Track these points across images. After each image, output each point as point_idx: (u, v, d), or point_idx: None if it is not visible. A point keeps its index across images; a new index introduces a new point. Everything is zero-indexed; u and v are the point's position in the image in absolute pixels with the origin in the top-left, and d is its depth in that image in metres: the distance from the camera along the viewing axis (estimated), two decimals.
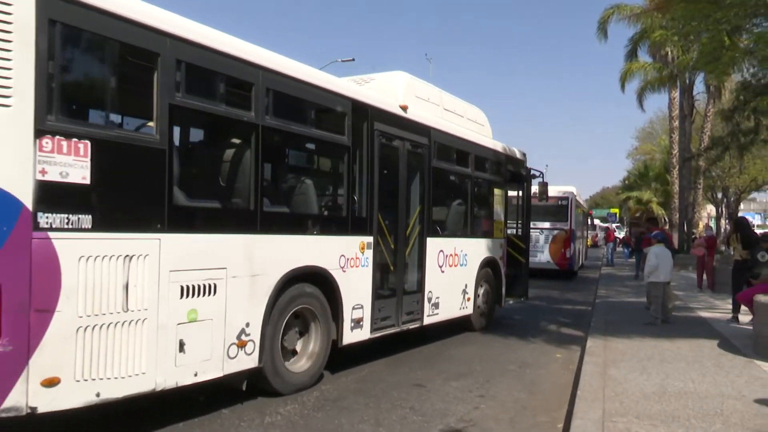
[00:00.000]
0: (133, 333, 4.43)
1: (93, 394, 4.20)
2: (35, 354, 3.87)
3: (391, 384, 6.54)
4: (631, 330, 9.31)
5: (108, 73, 4.51)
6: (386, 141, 7.32)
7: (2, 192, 3.72)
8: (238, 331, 5.29)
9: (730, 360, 7.28)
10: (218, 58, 5.09)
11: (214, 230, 5.07)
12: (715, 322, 10.33)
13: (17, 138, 3.80)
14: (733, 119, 16.44)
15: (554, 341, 9.38)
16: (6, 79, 3.74)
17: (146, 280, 4.49)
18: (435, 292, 8.34)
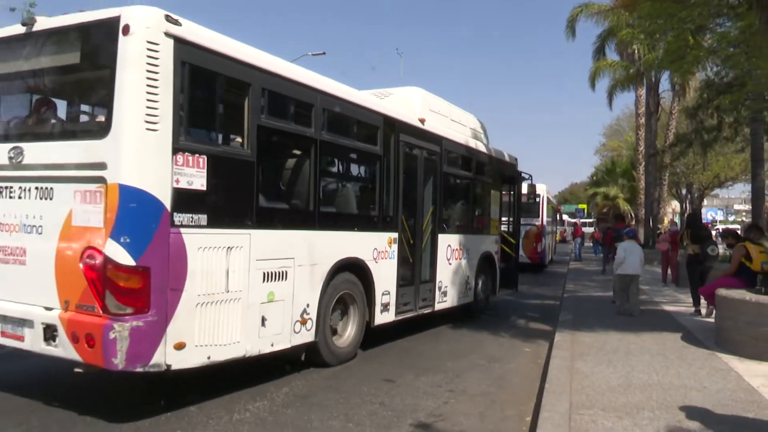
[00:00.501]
0: (232, 309, 5.49)
1: (206, 357, 5.27)
2: (170, 323, 4.93)
3: (361, 380, 6.57)
4: (597, 324, 9.50)
5: (217, 101, 5.57)
6: (408, 150, 8.54)
7: (152, 197, 4.81)
8: (301, 310, 6.41)
9: (693, 352, 7.49)
10: (289, 84, 6.26)
11: (286, 227, 6.21)
12: (678, 316, 10.59)
13: (162, 155, 4.89)
14: (697, 117, 16.81)
15: (523, 336, 9.52)
16: (155, 110, 4.83)
17: (240, 267, 5.57)
18: (444, 282, 9.56)
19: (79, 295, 4.89)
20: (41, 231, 5.17)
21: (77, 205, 4.95)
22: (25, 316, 5.13)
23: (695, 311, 10.86)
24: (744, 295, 7.56)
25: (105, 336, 4.68)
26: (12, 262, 5.31)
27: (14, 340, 5.24)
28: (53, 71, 5.59)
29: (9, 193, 5.37)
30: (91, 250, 4.85)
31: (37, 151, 5.25)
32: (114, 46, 4.82)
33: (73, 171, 4.98)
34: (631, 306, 10.63)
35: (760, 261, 8.95)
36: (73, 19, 5.27)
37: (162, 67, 4.87)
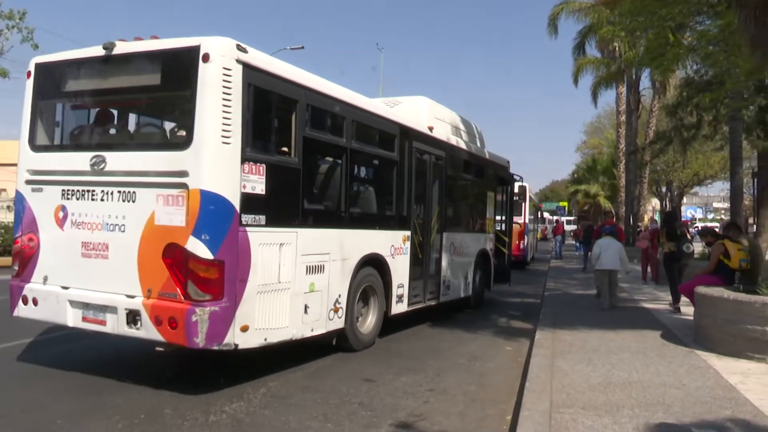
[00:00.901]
0: (283, 298, 6.38)
1: (263, 338, 6.14)
2: (238, 309, 5.77)
3: (340, 379, 6.54)
4: (578, 322, 9.58)
5: (272, 116, 6.52)
6: (419, 155, 9.48)
7: (226, 200, 5.69)
8: (335, 299, 7.31)
9: (672, 350, 7.58)
10: (327, 100, 7.21)
11: (323, 226, 7.11)
12: (658, 314, 10.72)
13: (233, 164, 5.76)
14: (676, 114, 16.99)
15: (504, 334, 9.57)
16: (228, 126, 5.70)
17: (289, 261, 6.46)
18: (447, 276, 10.54)
19: (161, 285, 5.74)
20: (124, 229, 6.02)
21: (160, 207, 5.80)
22: (107, 303, 5.97)
23: (675, 308, 11.07)
24: (722, 292, 7.66)
25: (188, 319, 5.54)
26: (94, 257, 6.14)
27: (95, 324, 6.09)
28: (133, 90, 6.53)
29: (91, 196, 6.23)
30: (173, 245, 5.68)
31: (119, 159, 6.10)
32: (194, 71, 5.69)
33: (155, 177, 5.85)
34: (610, 299, 11.30)
35: (738, 258, 9.08)
36: (153, 45, 6.14)
37: (234, 89, 5.78)
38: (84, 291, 6.15)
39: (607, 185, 46.50)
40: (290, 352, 7.68)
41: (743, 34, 7.21)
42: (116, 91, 6.57)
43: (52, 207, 6.44)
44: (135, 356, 7.44)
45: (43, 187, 6.53)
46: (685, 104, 16.28)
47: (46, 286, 6.40)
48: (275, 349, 6.49)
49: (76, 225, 6.27)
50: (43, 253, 6.49)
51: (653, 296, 13.47)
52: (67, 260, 6.28)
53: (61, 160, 6.50)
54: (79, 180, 6.29)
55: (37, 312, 6.45)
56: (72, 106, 7.05)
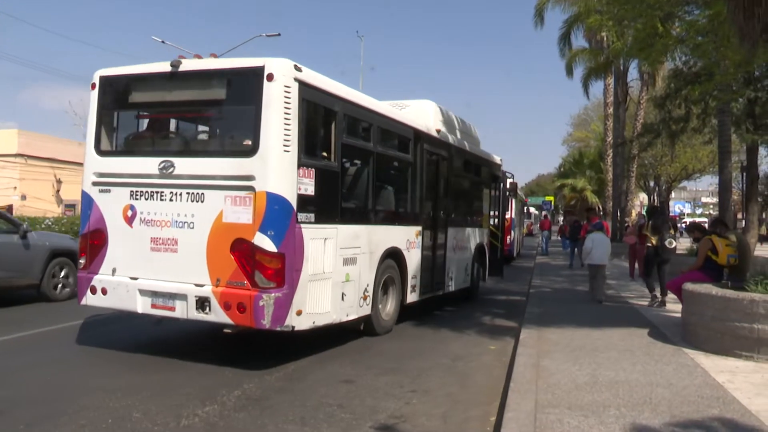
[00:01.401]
0: (326, 286, 7.52)
1: (312, 322, 7.26)
2: (295, 295, 6.90)
3: (317, 381, 6.54)
4: (564, 320, 9.66)
5: (318, 125, 7.69)
6: (429, 156, 10.67)
7: (287, 201, 6.82)
8: (364, 288, 8.44)
9: (660, 348, 7.68)
10: (358, 109, 8.41)
11: (356, 222, 8.32)
12: (646, 311, 10.86)
13: (292, 169, 6.91)
14: (665, 107, 17.17)
15: (488, 333, 9.63)
16: (288, 136, 6.83)
17: (331, 253, 7.61)
18: (451, 268, 11.79)
19: (229, 275, 6.84)
20: (193, 226, 7.10)
21: (228, 207, 6.91)
22: (177, 291, 7.07)
23: (660, 302, 11.46)
24: (710, 289, 7.77)
25: (256, 304, 6.65)
26: (163, 250, 7.23)
27: (164, 310, 7.22)
28: (198, 103, 7.73)
29: (160, 197, 7.31)
30: (240, 240, 6.79)
31: (187, 164, 7.21)
32: (259, 89, 6.81)
33: (222, 181, 6.96)
34: (597, 293, 12.13)
35: (726, 254, 9.22)
36: (219, 64, 7.45)
37: (292, 103, 6.91)
38: (153, 281, 7.26)
39: (594, 179, 46.90)
40: (267, 352, 7.71)
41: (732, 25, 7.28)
42: (181, 104, 7.79)
43: (120, 206, 7.54)
44: (105, 360, 7.38)
45: (110, 188, 7.65)
46: (674, 96, 16.45)
47: (115, 277, 7.51)
48: (250, 349, 6.53)
49: (145, 222, 7.38)
50: (112, 248, 7.58)
51: (641, 293, 13.60)
52: (136, 254, 7.38)
53: (128, 164, 7.60)
54: (148, 182, 7.40)
55: (105, 300, 7.57)
56: (138, 116, 8.31)
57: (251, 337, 8.40)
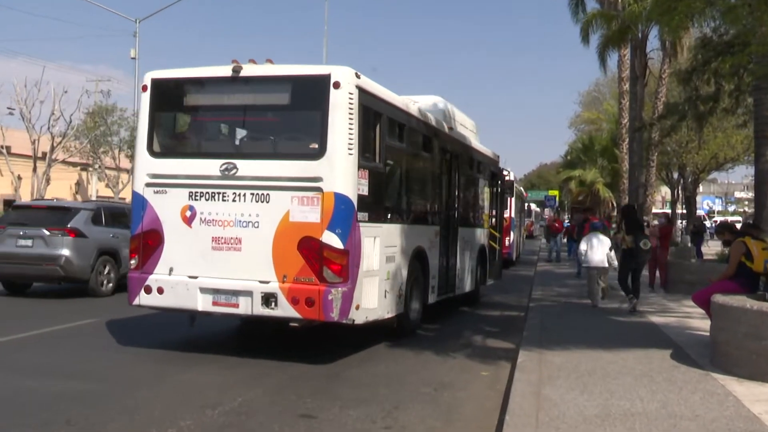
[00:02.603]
0: (375, 283, 9.20)
1: (365, 317, 8.94)
2: (354, 290, 8.60)
3: (271, 416, 6.49)
4: (570, 339, 9.74)
5: (370, 129, 9.34)
6: (443, 155, 12.61)
7: (351, 201, 8.56)
8: (399, 286, 10.14)
9: (684, 373, 7.77)
10: (397, 112, 10.26)
11: (395, 221, 10.19)
12: (668, 328, 11.00)
13: (354, 171, 8.65)
14: (691, 83, 17.29)
15: (479, 356, 9.68)
16: (351, 140, 8.56)
17: (378, 251, 9.33)
18: (461, 270, 13.62)
19: (296, 271, 8.51)
20: (258, 225, 8.71)
21: (294, 207, 8.55)
22: (241, 288, 8.67)
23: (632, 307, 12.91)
24: (744, 301, 7.83)
25: (325, 298, 8.35)
26: (226, 249, 8.83)
27: (227, 307, 8.80)
28: (260, 108, 9.65)
29: (222, 197, 8.88)
30: (308, 238, 8.46)
31: (251, 166, 8.86)
32: (326, 95, 8.53)
33: (288, 182, 8.61)
34: (597, 297, 13.70)
35: (762, 260, 9.28)
36: (283, 71, 9.14)
37: (354, 109, 8.62)
38: (215, 279, 8.82)
39: (606, 170, 47.26)
40: (213, 381, 7.62)
41: None
42: (242, 108, 9.58)
43: (177, 207, 9.04)
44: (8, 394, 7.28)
45: (167, 189, 9.13)
46: (701, 70, 16.58)
47: (172, 277, 9.02)
48: (194, 381, 6.36)
49: (206, 222, 8.92)
50: (168, 248, 9.08)
51: (662, 307, 13.77)
52: (196, 253, 8.91)
53: (186, 165, 9.18)
54: (208, 183, 8.95)
55: (161, 300, 9.09)
56: (194, 118, 10.04)
57: (195, 363, 8.32)
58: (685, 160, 38.50)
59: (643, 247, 13.02)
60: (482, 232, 15.88)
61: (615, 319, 12.01)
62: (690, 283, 14.74)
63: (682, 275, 16.19)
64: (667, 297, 15.46)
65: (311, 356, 9.01)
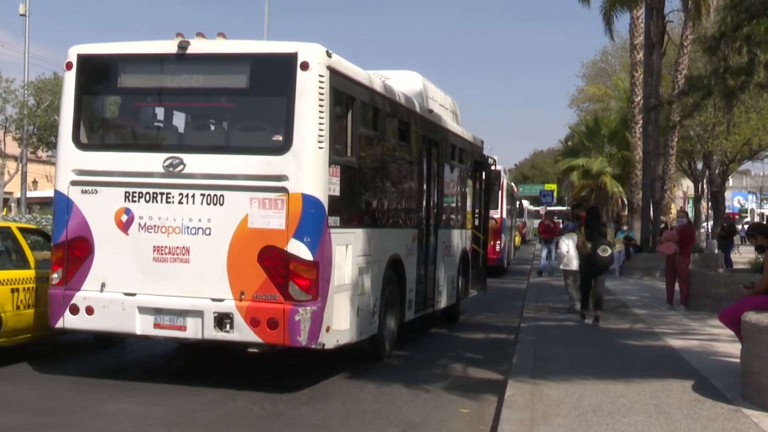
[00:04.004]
0: (346, 299, 9.33)
1: (336, 340, 9.08)
2: (325, 309, 8.68)
3: None
4: (571, 367, 9.82)
5: (342, 117, 9.54)
6: (421, 143, 12.81)
7: (321, 203, 8.71)
8: (373, 303, 10.30)
9: (709, 409, 7.84)
10: (372, 95, 10.47)
11: (369, 226, 10.45)
12: (689, 354, 11.09)
13: (324, 168, 8.78)
14: (718, 52, 17.46)
15: (459, 388, 9.70)
16: (322, 131, 8.65)
17: (349, 262, 9.48)
18: (440, 281, 13.92)
19: (256, 287, 8.61)
20: (210, 232, 8.81)
21: (254, 210, 8.66)
22: (189, 307, 8.74)
23: (581, 316, 14.26)
24: None
25: (291, 319, 8.47)
26: (171, 261, 8.86)
27: (172, 330, 8.91)
28: (212, 91, 9.74)
29: (166, 199, 8.92)
30: (271, 248, 8.58)
31: (201, 162, 8.97)
32: (292, 78, 8.63)
33: (246, 181, 8.74)
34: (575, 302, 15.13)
35: None
36: (239, 48, 9.36)
37: (325, 94, 8.72)
38: (156, 297, 8.87)
39: (615, 159, 47.48)
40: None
41: None
42: (189, 92, 9.66)
43: (111, 210, 9.06)
44: None
45: (97, 188, 9.12)
46: (731, 36, 16.74)
47: (104, 294, 9.02)
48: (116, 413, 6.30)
49: (146, 229, 8.96)
50: (99, 259, 9.08)
51: (683, 327, 13.88)
52: (134, 266, 8.95)
53: (121, 160, 9.19)
54: (149, 182, 8.99)
55: (91, 322, 9.07)
56: (131, 103, 10.22)
57: None
58: (711, 147, 38.72)
59: (602, 253, 13.93)
60: (464, 235, 16.20)
61: (625, 343, 12.11)
62: (716, 298, 14.93)
63: (707, 288, 16.35)
64: (689, 315, 15.59)
65: (256, 385, 9.01)
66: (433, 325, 14.56)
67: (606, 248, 13.99)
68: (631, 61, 33.86)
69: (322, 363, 10.16)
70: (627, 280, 24.04)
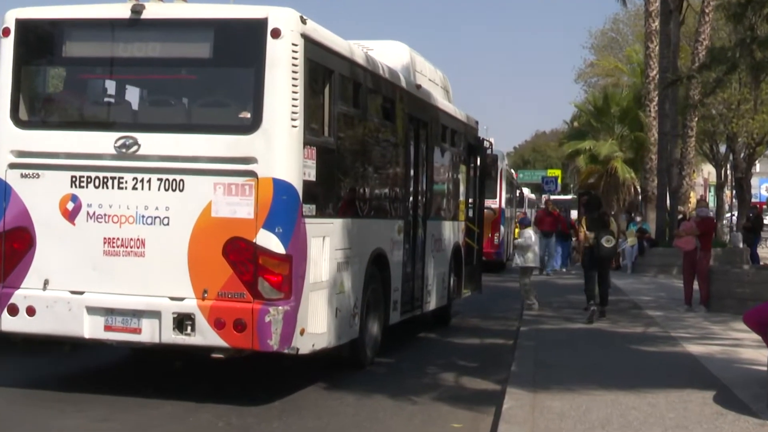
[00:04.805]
0: (323, 298, 9.34)
1: (311, 344, 9.04)
2: (299, 309, 8.63)
3: None
4: (576, 376, 9.87)
5: (318, 91, 9.54)
6: (409, 123, 12.89)
7: (295, 189, 8.60)
8: (353, 303, 10.35)
9: (732, 423, 7.87)
10: (353, 68, 10.56)
11: (349, 215, 10.50)
12: (710, 361, 11.15)
13: (298, 149, 8.76)
14: (744, 20, 17.51)
15: (450, 400, 9.70)
16: (296, 107, 8.58)
17: (327, 256, 9.53)
18: (429, 279, 14.06)
19: (221, 284, 8.52)
20: (168, 222, 8.69)
21: (219, 197, 8.56)
22: (144, 307, 8.62)
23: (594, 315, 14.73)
24: None
25: (260, 320, 8.35)
26: (124, 254, 8.76)
27: (126, 333, 8.76)
28: (173, 62, 9.56)
29: (118, 184, 8.78)
30: (238, 240, 8.52)
31: (158, 142, 8.82)
32: (262, 47, 8.51)
33: (210, 164, 8.68)
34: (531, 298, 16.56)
35: None
36: (202, 12, 9.18)
37: (299, 66, 8.66)
38: (107, 295, 8.76)
39: (627, 141, 47.56)
40: None
41: None
42: (146, 62, 9.51)
43: (55, 197, 8.88)
44: None
45: (39, 172, 8.94)
46: (759, 1, 16.82)
47: (47, 292, 8.85)
48: None
49: (96, 218, 8.85)
50: (42, 253, 8.92)
51: (703, 331, 13.95)
52: (82, 260, 8.83)
53: (67, 140, 9.02)
54: (99, 165, 8.87)
55: (32, 324, 8.86)
56: (78, 75, 10.00)
57: None
58: (735, 128, 38.89)
59: (606, 244, 14.63)
60: (457, 227, 16.40)
61: (638, 349, 12.17)
62: (741, 298, 15.07)
63: (730, 287, 16.47)
64: (710, 317, 15.71)
65: (222, 397, 9.00)
66: (421, 328, 14.63)
67: (610, 238, 14.57)
68: (645, 31, 33.93)
69: (295, 371, 10.16)
70: (640, 279, 24.20)
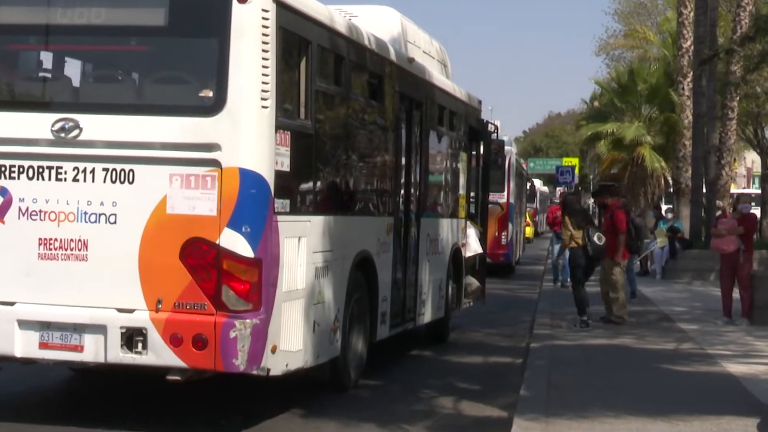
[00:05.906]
0: (299, 310, 9.26)
1: (285, 364, 8.91)
2: (270, 323, 8.46)
3: None
4: (595, 401, 9.91)
5: (293, 67, 9.42)
6: (400, 102, 12.93)
7: (265, 181, 8.39)
8: (334, 316, 10.30)
9: None
10: (335, 38, 10.45)
11: (329, 212, 10.34)
12: (753, 383, 11.20)
13: (270, 134, 8.53)
14: None
15: (448, 429, 9.81)
16: (266, 84, 8.37)
17: (303, 260, 9.39)
18: (424, 287, 14.08)
19: (178, 293, 8.27)
20: (114, 220, 8.48)
21: (175, 191, 8.31)
22: (87, 321, 8.36)
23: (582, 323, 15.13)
24: None
25: (224, 335, 8.10)
26: (63, 258, 8.53)
27: (64, 351, 8.52)
28: (120, 31, 9.25)
29: (56, 175, 8.56)
30: (197, 240, 8.28)
31: (103, 125, 8.55)
32: (226, 13, 8.25)
33: (165, 151, 8.42)
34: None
35: None
36: None
37: (270, 36, 8.44)
38: (43, 306, 8.54)
39: (657, 125, 47.60)
40: None
41: None
42: (88, 31, 9.22)
43: None
44: None
45: None
46: None
47: None
48: None
49: (29, 215, 8.62)
50: None
51: (745, 348, 14.00)
52: (12, 265, 8.64)
53: None
54: (32, 152, 8.66)
55: None
56: (6, 46, 9.72)
57: None
58: None
59: (598, 241, 15.26)
60: (456, 226, 16.39)
61: (668, 369, 12.21)
62: None
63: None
64: (753, 332, 15.78)
65: (180, 425, 9.12)
66: (414, 345, 14.69)
67: (601, 235, 15.28)
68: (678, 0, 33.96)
69: (267, 395, 10.20)
70: (672, 286, 24.25)
